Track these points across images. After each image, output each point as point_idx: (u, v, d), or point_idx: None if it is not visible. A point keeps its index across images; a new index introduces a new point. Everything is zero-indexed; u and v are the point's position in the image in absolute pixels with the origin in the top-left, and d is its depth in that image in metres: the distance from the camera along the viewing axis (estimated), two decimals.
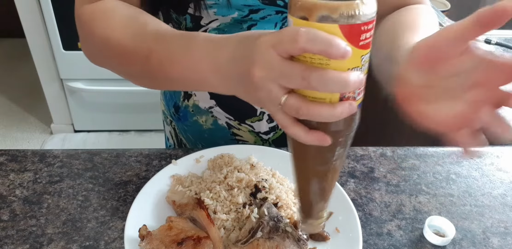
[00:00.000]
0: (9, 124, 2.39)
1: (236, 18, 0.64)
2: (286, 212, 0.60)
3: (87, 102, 2.18)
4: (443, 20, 1.28)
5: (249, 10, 0.63)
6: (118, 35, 0.53)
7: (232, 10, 0.62)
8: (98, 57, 0.60)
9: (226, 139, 0.80)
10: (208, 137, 0.81)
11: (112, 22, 0.54)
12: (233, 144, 0.80)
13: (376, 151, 0.77)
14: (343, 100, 0.36)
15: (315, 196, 0.46)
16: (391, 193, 0.69)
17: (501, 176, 0.74)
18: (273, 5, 0.63)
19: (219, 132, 0.79)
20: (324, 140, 0.38)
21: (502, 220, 0.65)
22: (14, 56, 2.87)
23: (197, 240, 0.54)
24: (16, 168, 0.71)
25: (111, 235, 0.60)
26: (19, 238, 0.59)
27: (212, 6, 0.62)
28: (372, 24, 0.35)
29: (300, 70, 0.35)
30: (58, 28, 1.90)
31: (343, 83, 0.34)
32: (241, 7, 0.62)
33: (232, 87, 0.43)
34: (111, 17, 0.55)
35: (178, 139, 0.88)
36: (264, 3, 0.62)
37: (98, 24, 0.55)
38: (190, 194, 0.62)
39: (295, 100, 0.36)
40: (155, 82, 0.55)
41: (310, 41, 0.33)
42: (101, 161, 0.72)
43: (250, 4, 0.62)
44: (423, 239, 0.62)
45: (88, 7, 0.57)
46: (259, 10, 0.64)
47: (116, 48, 0.53)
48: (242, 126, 0.77)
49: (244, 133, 0.78)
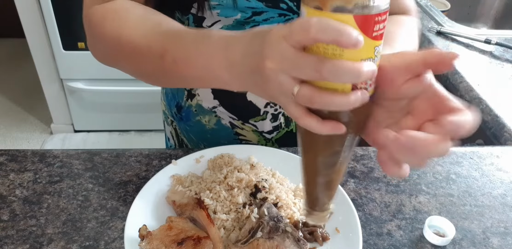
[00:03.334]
0: (9, 124, 2.40)
1: (239, 20, 0.64)
2: (286, 212, 0.60)
3: (87, 102, 2.18)
4: (443, 20, 1.28)
5: (252, 12, 0.63)
6: (131, 34, 0.53)
7: (236, 12, 0.63)
8: (108, 57, 0.59)
9: (229, 138, 0.80)
10: (211, 137, 0.81)
11: (124, 21, 0.54)
12: (236, 143, 0.79)
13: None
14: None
15: (323, 188, 0.46)
16: (391, 193, 0.69)
17: (501, 176, 0.74)
18: (276, 8, 0.63)
19: (222, 131, 0.79)
20: (338, 127, 0.37)
21: (502, 220, 0.65)
22: (14, 56, 2.87)
23: (197, 240, 0.54)
24: (16, 168, 0.71)
25: (111, 235, 0.60)
26: (19, 238, 0.59)
27: (215, 7, 0.62)
28: (385, 15, 0.35)
29: (313, 61, 0.34)
30: (58, 28, 1.90)
31: (356, 73, 0.34)
32: (245, 9, 0.62)
33: (244, 83, 0.43)
34: (124, 17, 0.55)
35: (179, 139, 0.87)
36: (267, 6, 0.63)
37: (110, 23, 0.55)
38: (190, 194, 0.62)
39: (308, 90, 0.36)
40: (168, 81, 0.55)
41: (321, 30, 0.33)
42: (101, 161, 0.72)
43: (253, 7, 0.62)
44: (423, 239, 0.62)
45: (99, 7, 0.57)
46: (262, 13, 0.64)
47: (129, 48, 0.53)
48: (246, 126, 0.77)
49: (248, 133, 0.78)
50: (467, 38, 1.18)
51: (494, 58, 1.12)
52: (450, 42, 1.18)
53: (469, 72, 1.03)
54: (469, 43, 1.17)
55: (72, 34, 1.93)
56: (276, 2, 0.63)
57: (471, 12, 1.57)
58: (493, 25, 1.58)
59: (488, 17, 1.58)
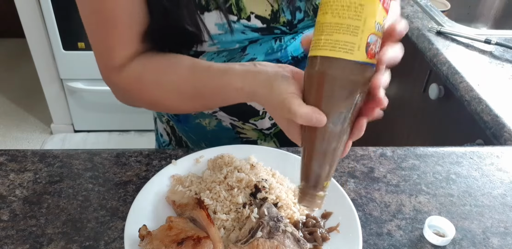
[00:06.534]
0: (9, 124, 2.40)
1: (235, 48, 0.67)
2: (286, 212, 0.60)
3: (87, 102, 2.18)
4: (443, 20, 1.28)
5: (249, 41, 0.65)
6: (164, 101, 0.63)
7: (234, 44, 0.64)
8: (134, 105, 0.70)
9: (230, 137, 0.80)
10: (211, 137, 0.81)
11: (151, 91, 0.63)
12: (237, 141, 0.80)
13: (376, 151, 0.77)
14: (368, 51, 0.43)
15: (323, 158, 0.47)
16: (391, 193, 0.69)
17: (501, 176, 0.74)
18: (271, 34, 0.66)
19: (223, 131, 0.80)
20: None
21: (502, 220, 0.65)
22: (14, 56, 2.87)
23: (197, 240, 0.54)
24: (16, 168, 0.71)
25: (111, 235, 0.60)
26: (19, 238, 0.59)
27: (215, 44, 0.63)
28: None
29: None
30: (58, 28, 1.90)
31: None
32: (243, 41, 0.65)
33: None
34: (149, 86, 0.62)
35: (177, 137, 0.87)
36: (263, 34, 0.65)
37: (139, 94, 0.65)
38: (190, 194, 0.62)
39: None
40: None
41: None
42: (101, 161, 0.72)
43: (250, 38, 0.64)
44: (423, 239, 0.62)
45: (120, 79, 0.64)
46: (257, 40, 0.66)
47: (163, 108, 0.69)
48: (246, 125, 0.77)
49: (248, 131, 0.79)
50: (467, 38, 1.18)
51: (494, 58, 1.12)
52: (450, 42, 1.18)
53: (469, 72, 1.03)
54: (469, 43, 1.17)
55: (72, 34, 1.93)
56: (271, 29, 0.64)
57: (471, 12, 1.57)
58: (493, 25, 1.58)
59: (488, 17, 1.58)
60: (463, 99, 0.99)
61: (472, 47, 1.16)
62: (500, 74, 1.05)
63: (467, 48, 1.15)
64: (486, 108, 0.93)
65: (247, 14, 0.61)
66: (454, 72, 1.04)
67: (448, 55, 1.10)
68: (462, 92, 0.99)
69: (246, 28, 0.62)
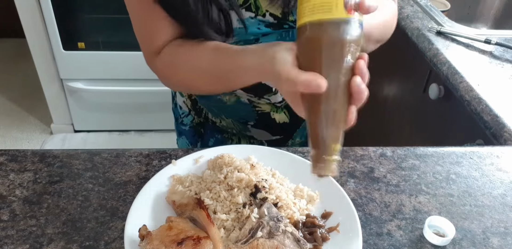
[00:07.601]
0: (9, 124, 2.39)
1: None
2: (286, 212, 0.60)
3: (87, 102, 2.18)
4: (443, 20, 1.28)
5: (262, 34, 0.73)
6: (195, 84, 0.70)
7: (249, 35, 0.72)
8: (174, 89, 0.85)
9: (248, 110, 0.87)
10: (231, 110, 0.89)
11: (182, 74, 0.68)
12: (253, 113, 0.87)
13: (376, 151, 0.77)
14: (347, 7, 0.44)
15: (327, 120, 0.47)
16: (391, 193, 0.69)
17: (501, 176, 0.74)
18: (281, 29, 0.73)
19: (241, 106, 0.87)
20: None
21: (502, 220, 0.65)
22: (14, 56, 2.87)
23: (197, 240, 0.54)
24: (16, 168, 0.71)
25: (111, 235, 0.60)
26: (19, 238, 0.59)
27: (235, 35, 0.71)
28: None
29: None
30: (58, 28, 1.90)
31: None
32: (256, 34, 0.73)
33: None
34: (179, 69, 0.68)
35: (197, 109, 0.94)
36: (274, 29, 0.72)
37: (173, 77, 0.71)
38: (190, 194, 0.62)
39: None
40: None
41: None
42: (101, 161, 0.72)
43: (263, 32, 0.72)
44: (423, 239, 0.62)
45: (157, 63, 0.70)
46: (269, 34, 0.74)
47: (196, 90, 0.79)
48: (261, 100, 0.84)
49: (263, 105, 0.86)
50: (467, 38, 1.18)
51: (494, 58, 1.12)
52: (450, 42, 1.18)
53: (469, 72, 1.03)
54: (469, 43, 1.17)
55: (72, 34, 1.93)
56: (281, 25, 0.72)
57: (471, 12, 1.57)
58: (493, 25, 1.58)
59: (488, 17, 1.58)
60: (463, 99, 0.98)
61: (472, 47, 1.16)
62: (500, 74, 1.05)
63: (467, 48, 1.15)
64: (486, 108, 0.93)
65: (263, 12, 0.70)
66: (454, 72, 1.04)
67: (448, 55, 1.10)
68: (462, 92, 0.99)
69: (261, 22, 0.71)
